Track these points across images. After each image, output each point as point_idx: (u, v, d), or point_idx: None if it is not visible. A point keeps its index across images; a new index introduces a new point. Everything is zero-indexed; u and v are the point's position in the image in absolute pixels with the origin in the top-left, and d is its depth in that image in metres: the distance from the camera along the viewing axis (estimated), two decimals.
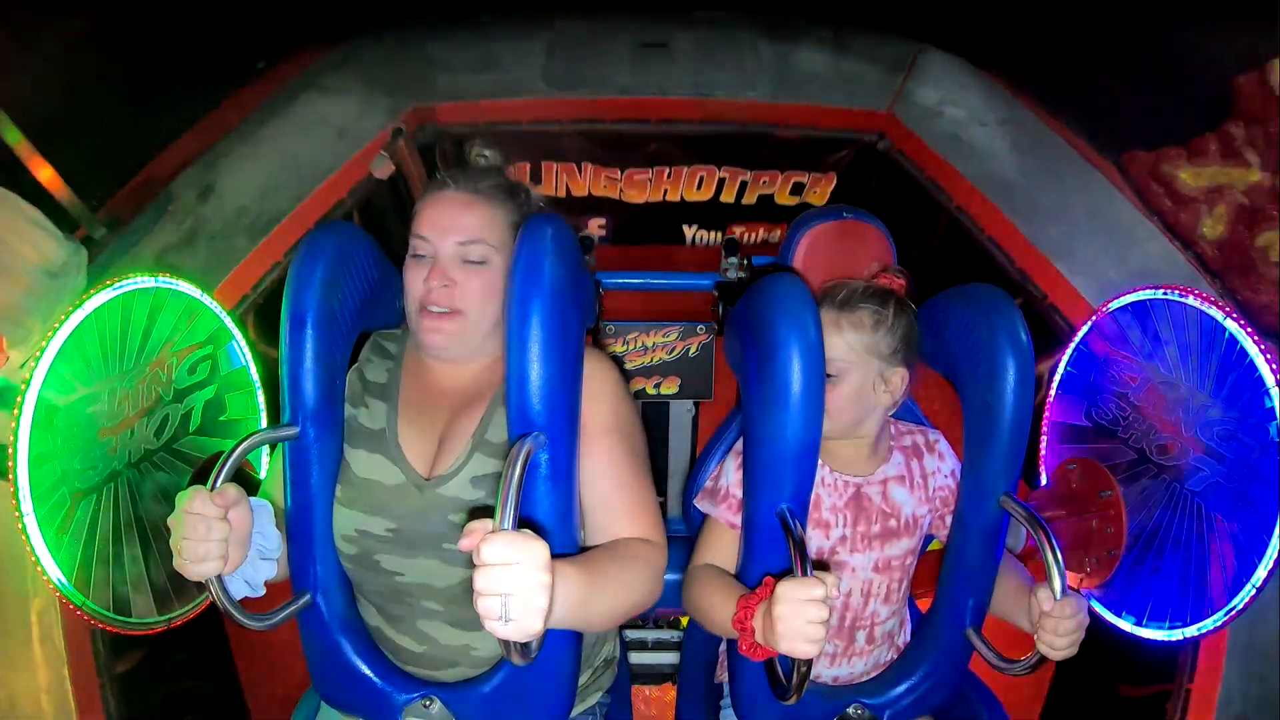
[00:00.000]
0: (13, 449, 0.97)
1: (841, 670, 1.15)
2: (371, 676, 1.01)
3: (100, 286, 1.10)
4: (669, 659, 1.75)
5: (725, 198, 2.10)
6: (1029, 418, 1.05)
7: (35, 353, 1.01)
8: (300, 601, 1.00)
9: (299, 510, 1.00)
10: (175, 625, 1.19)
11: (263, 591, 0.98)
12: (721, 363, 1.74)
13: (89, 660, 1.18)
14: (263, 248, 1.58)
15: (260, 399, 1.39)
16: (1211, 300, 1.12)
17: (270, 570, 0.99)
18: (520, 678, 0.96)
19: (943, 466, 1.16)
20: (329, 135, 1.77)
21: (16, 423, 0.97)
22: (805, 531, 0.98)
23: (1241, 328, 1.08)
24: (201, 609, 1.24)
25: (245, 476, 1.20)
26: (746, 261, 1.65)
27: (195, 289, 1.25)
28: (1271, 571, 1.04)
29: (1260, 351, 1.05)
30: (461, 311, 1.02)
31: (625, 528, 0.98)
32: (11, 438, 0.97)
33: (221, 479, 0.89)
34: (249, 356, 1.37)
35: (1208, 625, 1.10)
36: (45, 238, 1.15)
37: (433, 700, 1.00)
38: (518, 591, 0.71)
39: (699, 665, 1.33)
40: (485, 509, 0.96)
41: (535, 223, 0.94)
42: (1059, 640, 0.93)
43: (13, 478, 0.97)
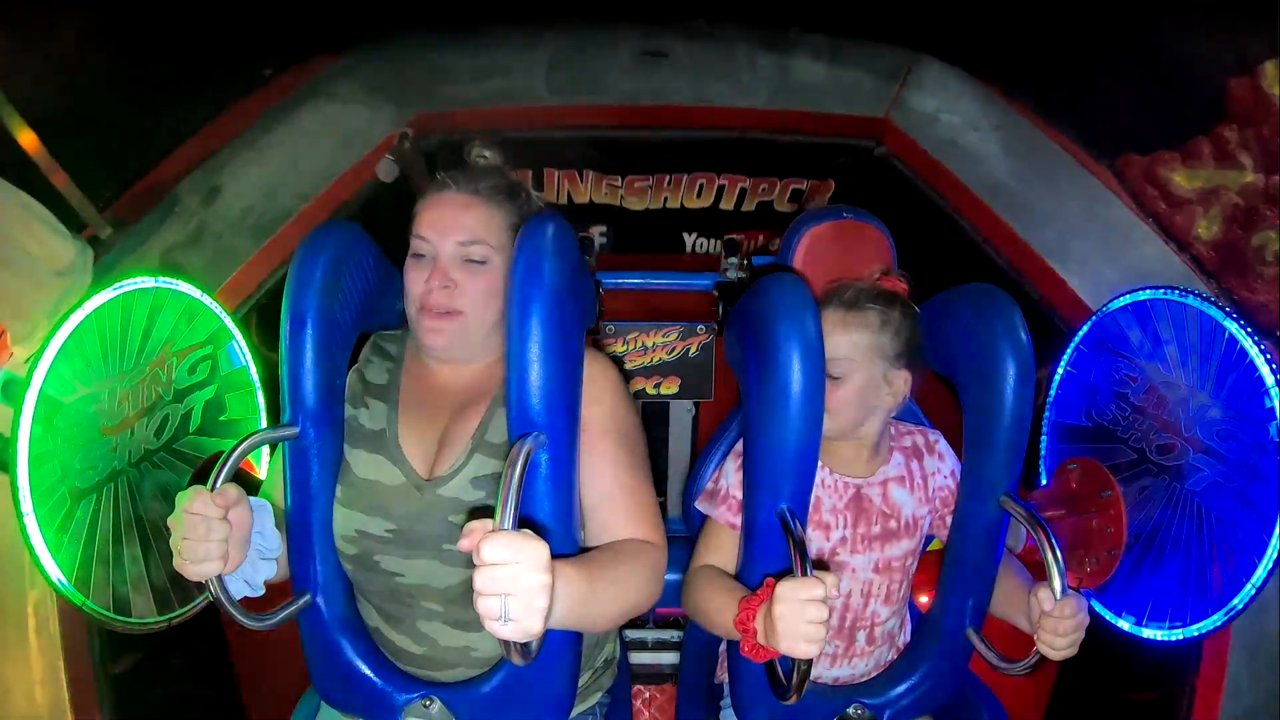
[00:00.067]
0: (13, 447, 0.97)
1: (842, 671, 1.15)
2: (371, 677, 1.01)
3: (100, 286, 1.10)
4: (669, 659, 1.75)
5: (725, 205, 2.11)
6: (1029, 418, 1.05)
7: (37, 351, 1.01)
8: (300, 601, 1.00)
9: (299, 510, 1.00)
10: (175, 625, 1.19)
11: (262, 591, 0.98)
12: (721, 363, 1.74)
13: (86, 661, 1.18)
14: (267, 248, 1.59)
15: (260, 399, 1.39)
16: (1211, 300, 1.12)
17: (270, 570, 0.99)
18: (520, 678, 0.96)
19: (942, 467, 1.16)
20: (334, 140, 1.79)
21: (16, 420, 0.97)
22: (805, 532, 0.98)
23: (1241, 327, 1.08)
24: (201, 609, 1.24)
25: (245, 476, 1.20)
26: (746, 261, 1.65)
27: (195, 289, 1.25)
28: (1271, 571, 1.04)
29: (1260, 351, 1.05)
30: (462, 312, 1.02)
31: (625, 529, 0.98)
32: (12, 435, 0.97)
33: (222, 479, 0.89)
34: (249, 356, 1.37)
35: (1208, 625, 1.10)
36: (53, 236, 1.16)
37: (433, 700, 1.00)
38: (517, 591, 0.71)
39: (699, 665, 1.33)
40: (485, 509, 0.96)
41: (535, 222, 0.94)
42: (1059, 640, 0.93)
43: (12, 475, 0.97)
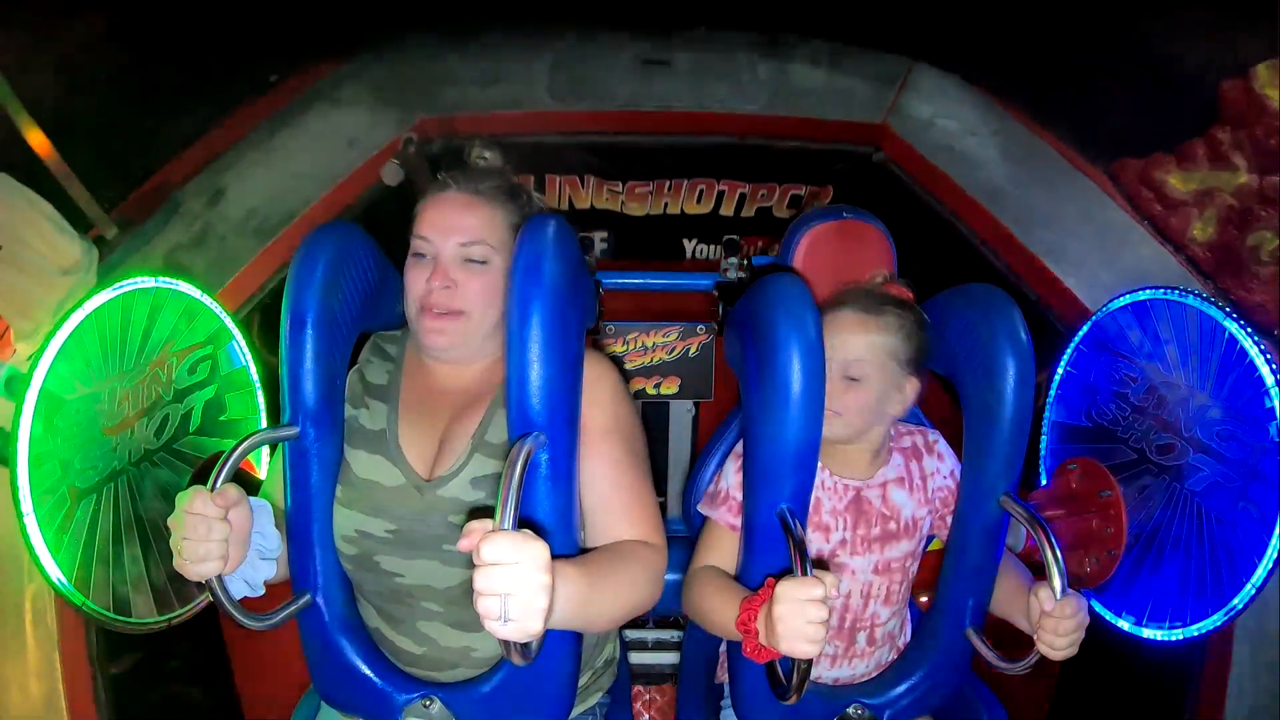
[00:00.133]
0: (13, 443, 0.97)
1: (843, 672, 1.15)
2: (371, 676, 1.01)
3: (101, 286, 1.10)
4: (669, 659, 1.75)
5: (725, 210, 2.12)
6: (1029, 418, 1.05)
7: (38, 348, 1.01)
8: (300, 601, 1.00)
9: (299, 510, 1.00)
10: (174, 625, 1.19)
11: (262, 591, 0.98)
12: (721, 363, 1.74)
13: (82, 655, 1.18)
14: (271, 248, 1.60)
15: (260, 399, 1.39)
16: (1211, 300, 1.12)
17: (270, 570, 0.99)
18: (520, 678, 0.96)
19: (941, 467, 1.16)
20: (339, 144, 1.81)
21: (17, 415, 0.97)
22: (805, 532, 0.98)
23: (1241, 327, 1.08)
24: (200, 609, 1.24)
25: (245, 476, 1.20)
26: (746, 261, 1.65)
27: (195, 289, 1.25)
28: (1271, 571, 1.04)
29: (1260, 351, 1.05)
30: (465, 312, 1.02)
31: (625, 530, 0.98)
32: (13, 430, 0.97)
33: (222, 479, 0.89)
34: (249, 356, 1.37)
35: (1207, 625, 1.10)
36: (59, 234, 1.16)
37: (433, 700, 1.00)
38: (517, 592, 0.70)
39: (699, 665, 1.33)
40: (485, 510, 0.96)
41: (535, 222, 0.94)
42: (1059, 640, 0.93)
43: (13, 471, 0.97)
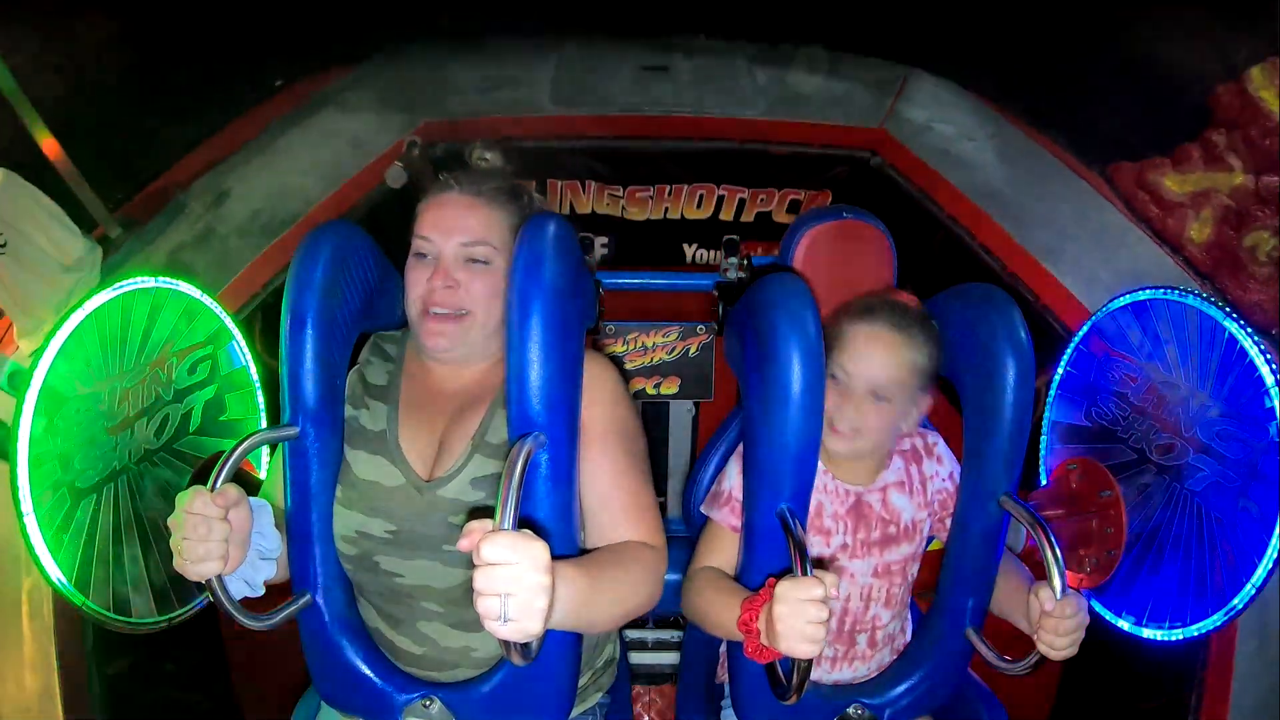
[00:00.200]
0: (13, 444, 0.97)
1: (843, 674, 1.15)
2: (371, 676, 1.01)
3: (100, 286, 1.10)
4: (669, 659, 1.75)
5: (724, 215, 2.13)
6: (1029, 418, 1.05)
7: (39, 346, 1.01)
8: (300, 601, 1.00)
9: (299, 510, 1.00)
10: (174, 625, 1.19)
11: (262, 591, 0.98)
12: (721, 363, 1.74)
13: (78, 649, 1.18)
14: (273, 249, 1.60)
15: (260, 399, 1.39)
16: (1211, 299, 1.12)
17: (270, 570, 0.99)
18: (520, 678, 0.96)
19: (941, 470, 1.16)
20: (343, 147, 1.83)
21: (17, 416, 0.97)
22: (805, 531, 0.98)
23: (1241, 327, 1.08)
24: (199, 611, 1.23)
25: (245, 476, 1.20)
26: (746, 261, 1.65)
27: (195, 289, 1.25)
28: (1271, 571, 1.04)
29: (1260, 351, 1.05)
30: (470, 312, 1.02)
31: (625, 531, 0.98)
32: (14, 425, 0.97)
33: (222, 479, 0.89)
34: (249, 356, 1.37)
35: (1207, 625, 1.10)
36: (64, 232, 1.16)
37: (433, 700, 1.00)
38: (517, 592, 0.70)
39: (699, 665, 1.33)
40: (485, 510, 0.96)
41: (535, 221, 0.94)
42: (1059, 640, 0.93)
43: (13, 467, 0.97)
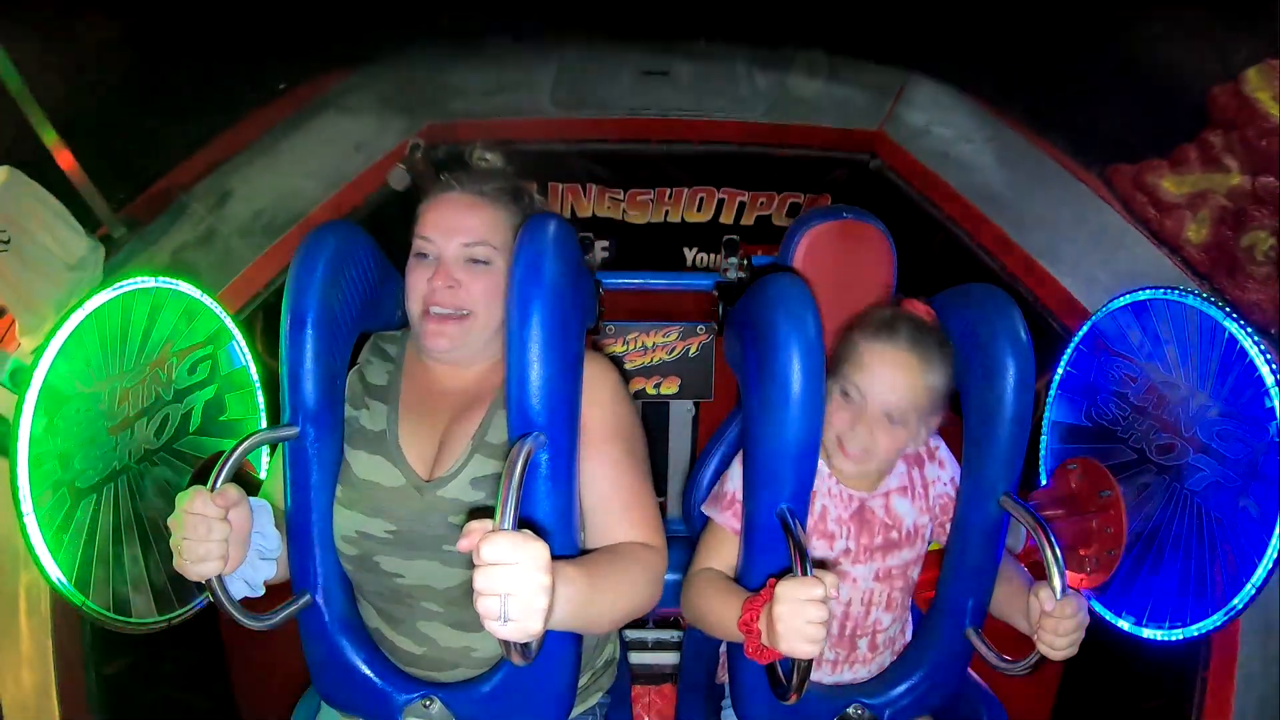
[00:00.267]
0: (14, 443, 0.97)
1: (844, 677, 1.15)
2: (371, 676, 1.01)
3: (101, 286, 1.10)
4: (669, 659, 1.75)
5: (724, 218, 2.14)
6: (1029, 418, 1.05)
7: (40, 345, 1.01)
8: (300, 601, 1.00)
9: (299, 510, 1.00)
10: (174, 625, 1.19)
11: (262, 591, 0.98)
12: (721, 363, 1.74)
13: (75, 645, 1.17)
14: (275, 249, 1.61)
15: (260, 399, 1.39)
16: (1211, 299, 1.12)
17: (270, 570, 0.99)
18: (520, 678, 0.96)
19: (942, 475, 1.16)
20: (346, 149, 1.84)
21: (18, 415, 0.97)
22: (805, 531, 0.98)
23: (1241, 327, 1.08)
24: (198, 611, 1.23)
25: (245, 476, 1.20)
26: (746, 261, 1.65)
27: (195, 289, 1.25)
28: (1271, 571, 1.04)
29: (1260, 351, 1.05)
30: (471, 312, 1.02)
31: (625, 531, 0.98)
32: (14, 422, 0.97)
33: (222, 479, 0.89)
34: (249, 356, 1.37)
35: (1207, 625, 1.10)
36: (67, 231, 1.16)
37: (433, 700, 1.00)
38: (517, 592, 0.71)
39: (700, 666, 1.33)
40: (485, 510, 0.96)
41: (535, 222, 0.94)
42: (1059, 640, 0.93)
43: (13, 465, 0.97)
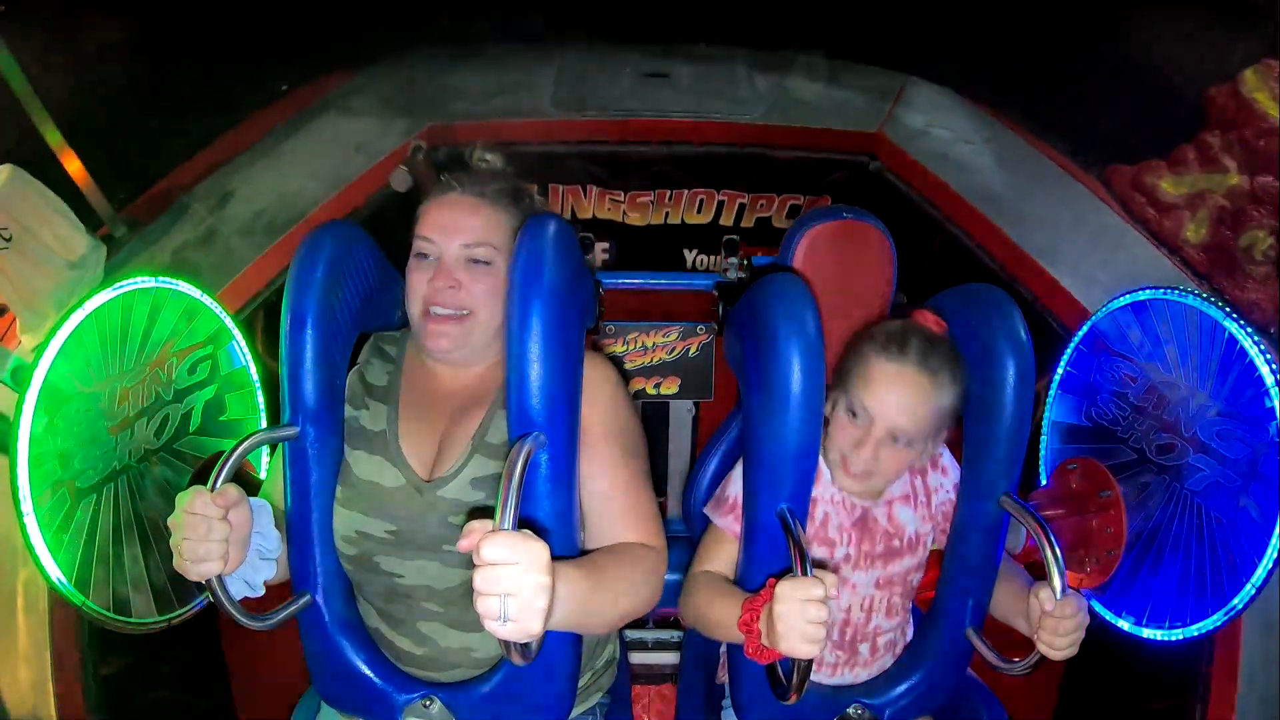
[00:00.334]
0: (14, 442, 0.97)
1: (844, 679, 1.15)
2: (371, 676, 1.02)
3: (101, 286, 1.10)
4: (669, 659, 1.75)
5: (724, 220, 2.14)
6: (1029, 418, 1.05)
7: (41, 344, 1.01)
8: (300, 601, 1.00)
9: (299, 510, 1.00)
10: (174, 625, 1.19)
11: (262, 592, 0.98)
12: (721, 363, 1.74)
13: (72, 642, 1.17)
14: (275, 248, 1.61)
15: (260, 399, 1.39)
16: (1211, 299, 1.12)
17: (270, 570, 0.99)
18: (520, 678, 0.96)
19: (945, 482, 1.16)
20: (348, 150, 1.84)
21: (18, 415, 0.97)
22: (805, 531, 0.98)
23: (1241, 327, 1.08)
24: (198, 611, 1.23)
25: (245, 476, 1.20)
26: (746, 261, 1.65)
27: (195, 289, 1.25)
28: (1271, 571, 1.04)
29: (1260, 351, 1.05)
30: (471, 312, 1.02)
31: (625, 531, 0.98)
32: (15, 420, 0.97)
33: (222, 479, 0.89)
34: (249, 356, 1.37)
35: (1207, 625, 1.10)
36: (69, 229, 1.17)
37: (433, 700, 1.00)
38: (517, 592, 0.71)
39: (700, 666, 1.33)
40: (485, 510, 0.96)
41: (535, 222, 0.94)
42: (1059, 640, 0.93)
43: (13, 464, 0.97)
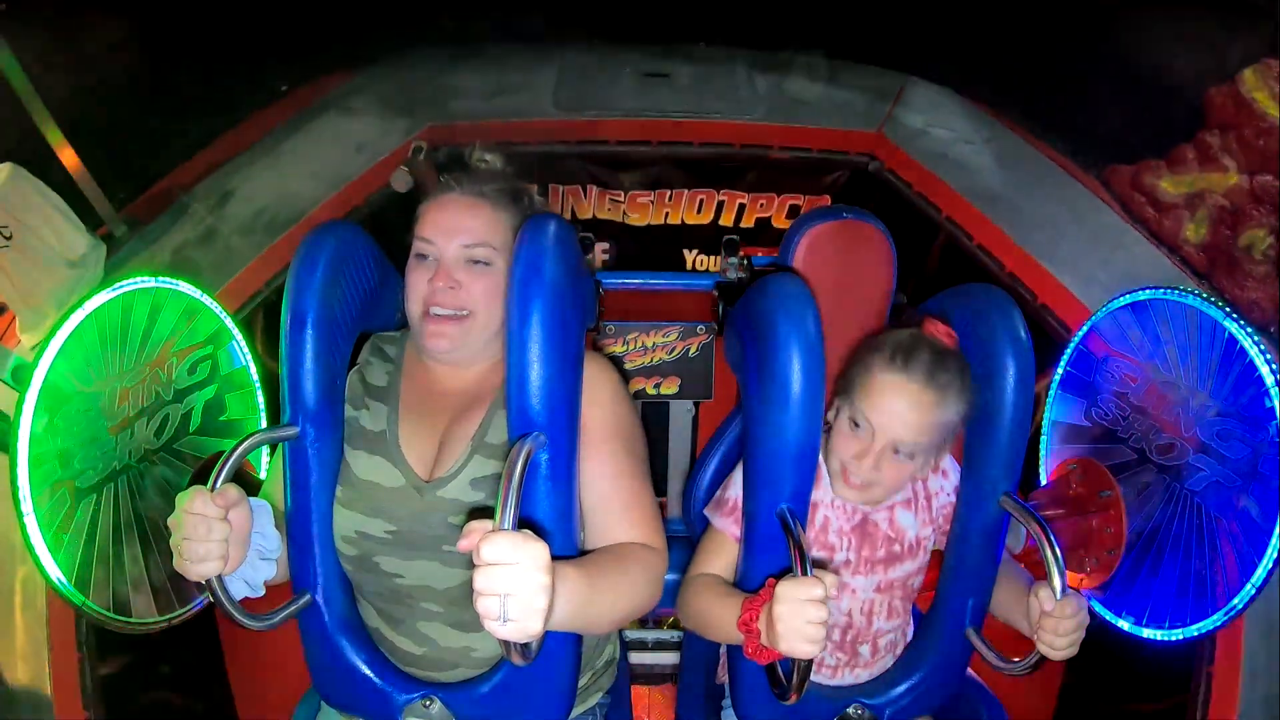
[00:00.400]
0: (14, 441, 0.97)
1: (845, 680, 1.15)
2: (371, 676, 1.02)
3: (101, 286, 1.10)
4: (669, 659, 1.75)
5: (725, 220, 2.14)
6: (1029, 418, 1.05)
7: (41, 343, 1.01)
8: (300, 601, 1.00)
9: (299, 510, 1.00)
10: (174, 625, 1.19)
11: (262, 592, 0.98)
12: (721, 363, 1.74)
13: (70, 640, 1.17)
14: (275, 248, 1.61)
15: (260, 399, 1.39)
16: (1211, 299, 1.12)
17: (270, 570, 0.99)
18: (520, 678, 0.96)
19: (946, 485, 1.15)
20: (348, 149, 1.84)
21: (18, 415, 0.97)
22: (805, 531, 0.98)
23: (1241, 327, 1.08)
24: (198, 612, 1.23)
25: (245, 476, 1.20)
26: (746, 261, 1.66)
27: (195, 289, 1.25)
28: (1271, 571, 1.04)
29: (1260, 351, 1.05)
30: (471, 313, 1.02)
31: (625, 531, 0.98)
32: (15, 420, 0.97)
33: (222, 479, 0.89)
34: (249, 356, 1.37)
35: (1207, 625, 1.10)
36: (69, 227, 1.17)
37: (433, 700, 1.00)
38: (517, 592, 0.71)
39: (699, 666, 1.33)
40: (485, 510, 0.96)
41: (535, 222, 0.94)
42: (1059, 640, 0.93)
43: (13, 463, 0.97)
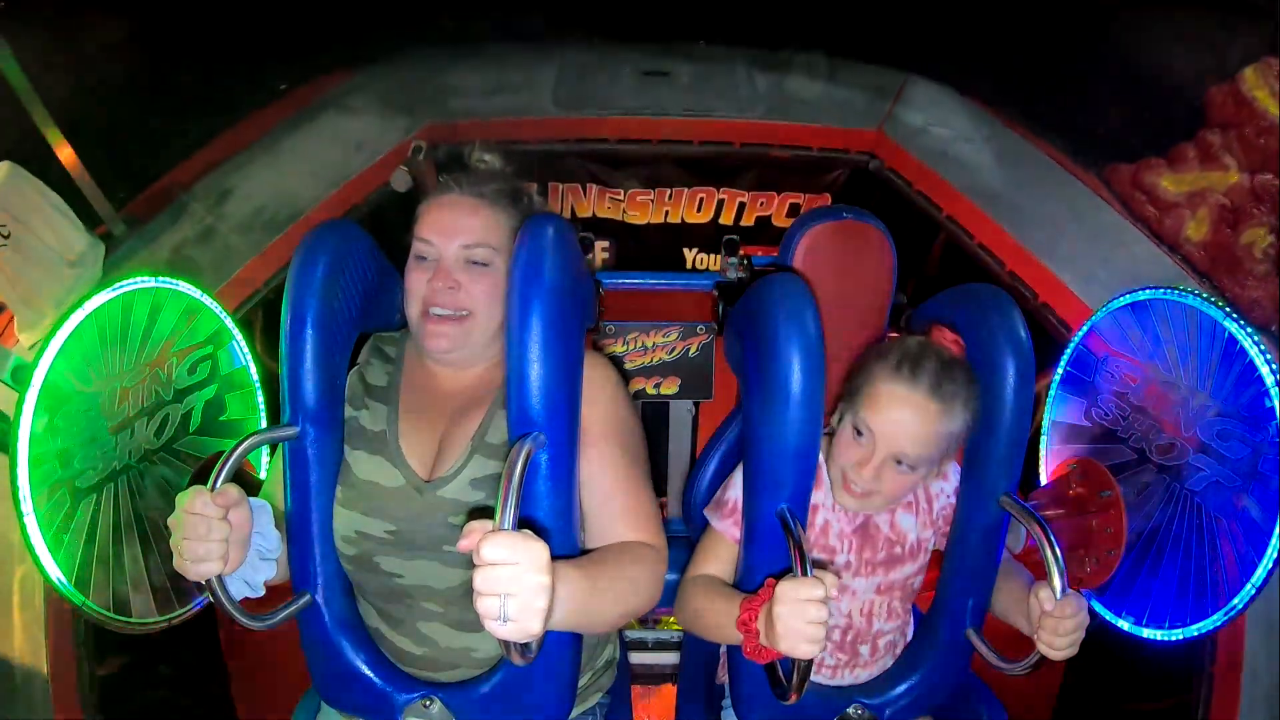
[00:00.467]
0: (14, 441, 0.97)
1: (845, 681, 1.15)
2: (371, 676, 1.01)
3: (101, 286, 1.10)
4: (669, 659, 1.75)
5: (725, 219, 2.14)
6: (1029, 418, 1.05)
7: (41, 342, 1.01)
8: (300, 601, 1.00)
9: (299, 510, 1.00)
10: (174, 625, 1.19)
11: (262, 592, 0.98)
12: (721, 363, 1.74)
13: (69, 639, 1.18)
14: (274, 246, 1.61)
15: (260, 399, 1.39)
16: (1211, 299, 1.12)
17: (270, 571, 0.99)
18: (520, 678, 0.96)
19: (946, 487, 1.15)
20: (348, 148, 1.84)
21: (18, 414, 0.97)
22: (805, 532, 0.98)
23: (1241, 327, 1.08)
24: (198, 612, 1.23)
25: (245, 476, 1.20)
26: (746, 261, 1.66)
27: (195, 289, 1.25)
28: (1271, 571, 1.04)
29: (1260, 351, 1.05)
30: (471, 313, 1.02)
31: (625, 531, 0.98)
32: (15, 420, 0.98)
33: (222, 479, 0.89)
34: (249, 356, 1.37)
35: (1207, 625, 1.10)
36: (68, 226, 1.17)
37: (433, 700, 1.00)
38: (517, 592, 0.71)
39: (699, 666, 1.33)
40: (485, 510, 0.96)
41: (535, 222, 0.94)
42: (1059, 640, 0.93)
43: (13, 463, 0.97)
